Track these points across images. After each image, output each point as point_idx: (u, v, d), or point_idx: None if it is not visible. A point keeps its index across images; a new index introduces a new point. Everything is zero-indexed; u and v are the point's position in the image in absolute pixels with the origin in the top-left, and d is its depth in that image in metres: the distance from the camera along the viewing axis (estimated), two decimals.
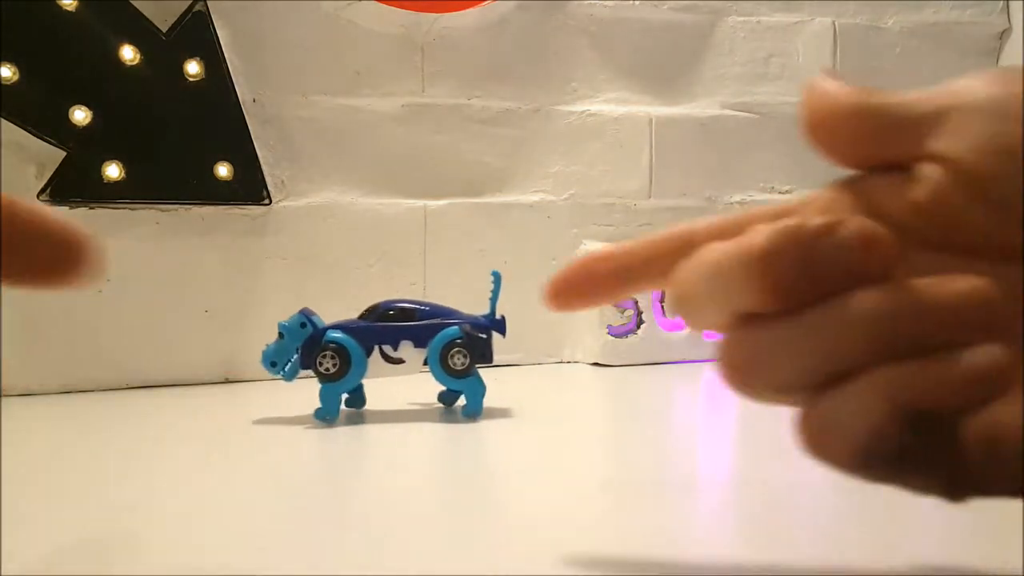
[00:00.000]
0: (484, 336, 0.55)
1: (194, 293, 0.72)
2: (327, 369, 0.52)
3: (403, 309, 0.55)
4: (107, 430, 0.57)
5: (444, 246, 0.78)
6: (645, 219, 0.84)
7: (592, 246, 0.80)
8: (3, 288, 0.21)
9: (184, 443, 0.52)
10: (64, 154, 0.67)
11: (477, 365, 0.55)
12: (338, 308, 0.75)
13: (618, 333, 0.78)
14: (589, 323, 0.79)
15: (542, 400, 0.67)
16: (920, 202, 0.20)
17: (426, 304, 0.56)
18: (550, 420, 0.59)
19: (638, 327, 0.79)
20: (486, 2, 0.78)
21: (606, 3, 0.82)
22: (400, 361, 0.54)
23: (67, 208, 0.68)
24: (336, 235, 0.75)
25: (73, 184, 0.68)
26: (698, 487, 0.42)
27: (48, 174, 0.67)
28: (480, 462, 0.47)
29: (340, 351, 0.52)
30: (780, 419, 0.23)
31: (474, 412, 0.55)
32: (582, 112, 0.82)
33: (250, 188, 0.72)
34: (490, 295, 0.57)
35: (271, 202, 0.73)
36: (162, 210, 0.71)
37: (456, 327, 0.54)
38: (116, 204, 0.69)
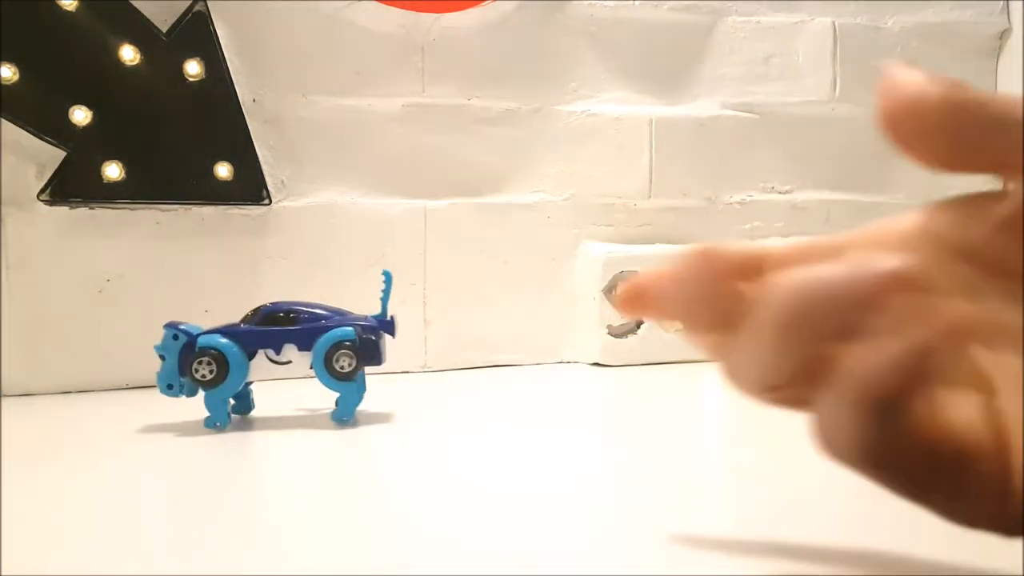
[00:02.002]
0: (373, 338, 0.54)
1: (194, 293, 0.72)
2: (203, 376, 0.51)
3: (288, 311, 0.54)
4: (107, 430, 0.57)
5: (444, 246, 0.78)
6: (645, 219, 0.84)
7: (592, 246, 0.80)
8: (3, 286, 0.21)
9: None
10: (64, 154, 0.67)
11: (367, 367, 0.53)
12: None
13: (618, 334, 0.78)
14: (589, 323, 0.79)
15: (541, 400, 0.67)
16: (1006, 220, 0.19)
17: (314, 306, 0.55)
18: (550, 420, 0.59)
19: (638, 328, 0.79)
20: (486, 2, 0.78)
21: (606, 3, 0.82)
22: (287, 363, 0.53)
23: (67, 208, 0.68)
24: (336, 235, 0.75)
25: (73, 184, 0.68)
26: (695, 488, 0.42)
27: (48, 174, 0.67)
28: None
29: (217, 356, 0.51)
30: (779, 420, 0.23)
31: (344, 418, 0.53)
32: (582, 112, 0.82)
33: (250, 188, 0.72)
34: (381, 295, 0.55)
35: (271, 202, 0.73)
36: (162, 210, 0.71)
37: (345, 328, 0.53)
38: (116, 204, 0.69)
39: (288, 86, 0.75)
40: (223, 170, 0.71)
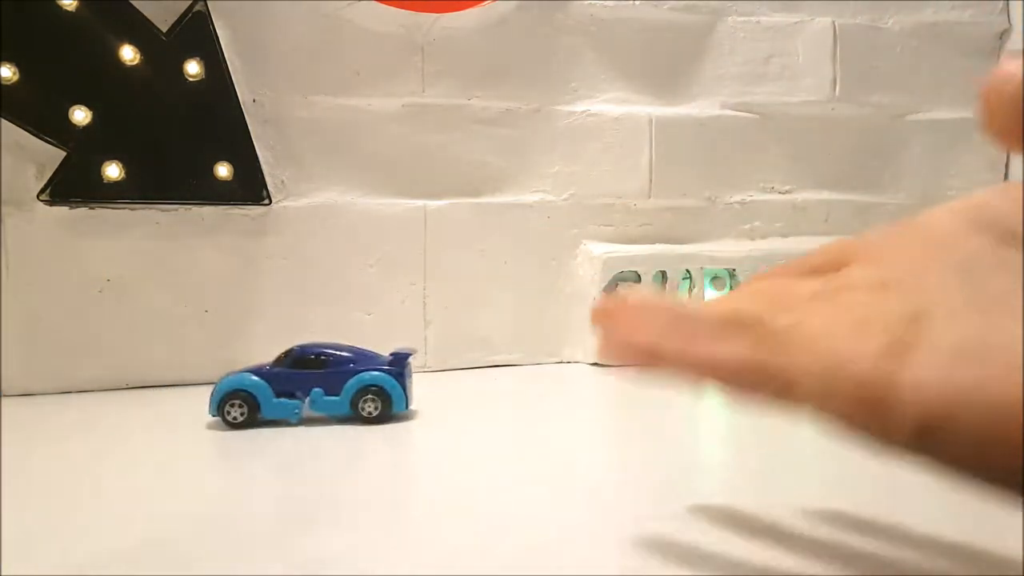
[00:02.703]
0: (399, 381, 0.55)
1: (194, 293, 0.72)
2: (235, 418, 0.53)
3: (319, 355, 0.55)
4: (107, 430, 0.57)
5: (444, 246, 0.78)
6: (645, 219, 0.84)
7: (592, 246, 0.80)
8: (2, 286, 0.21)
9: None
10: (64, 154, 0.67)
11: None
12: (338, 308, 0.76)
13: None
14: (589, 323, 0.79)
15: (541, 400, 0.67)
16: None
17: (344, 348, 0.56)
18: (549, 420, 0.59)
19: None
20: (486, 2, 0.78)
21: (606, 3, 0.82)
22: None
23: (67, 208, 0.68)
24: (336, 235, 0.75)
25: (73, 184, 0.68)
26: (696, 486, 0.42)
27: (48, 174, 0.67)
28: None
29: (247, 398, 0.53)
30: (778, 420, 0.23)
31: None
32: (582, 112, 0.82)
33: (250, 188, 0.72)
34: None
35: (271, 202, 0.73)
36: (162, 210, 0.71)
37: (372, 373, 0.54)
38: (116, 204, 0.69)
39: (288, 86, 0.75)
40: (223, 170, 0.71)
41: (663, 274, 0.79)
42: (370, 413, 0.54)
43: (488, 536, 0.33)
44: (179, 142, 0.70)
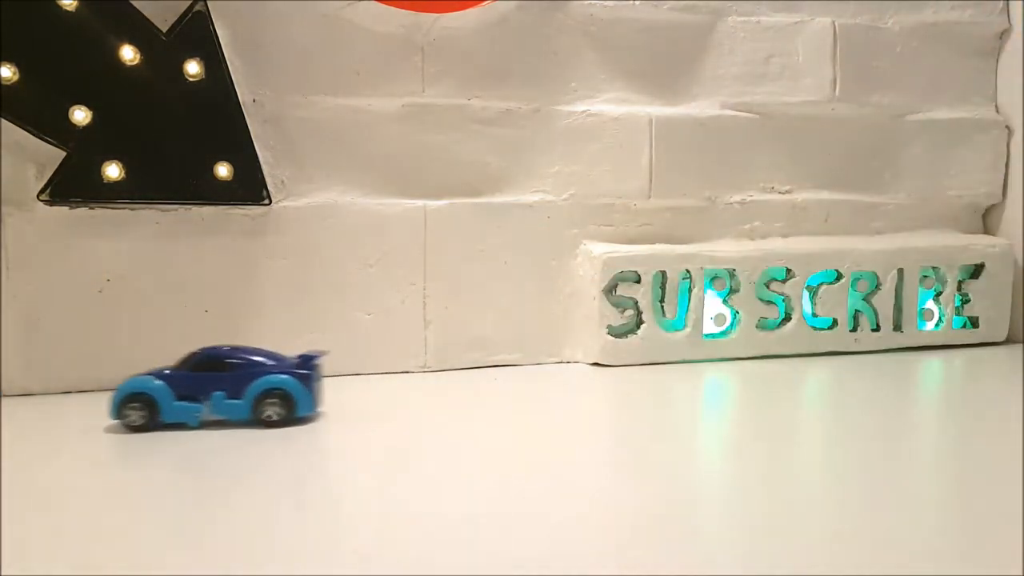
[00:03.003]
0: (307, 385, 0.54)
1: (194, 293, 0.72)
2: (133, 421, 0.53)
3: (224, 357, 0.55)
4: (106, 430, 0.57)
5: (444, 246, 0.78)
6: (645, 219, 0.84)
7: (592, 246, 0.80)
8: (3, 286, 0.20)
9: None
10: (64, 154, 0.67)
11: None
12: (338, 308, 0.76)
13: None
14: (589, 323, 0.79)
15: (541, 400, 0.67)
16: None
17: (252, 351, 0.56)
18: (549, 420, 0.59)
19: (638, 327, 0.79)
20: (486, 2, 0.78)
21: (606, 3, 0.82)
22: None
23: (67, 208, 0.68)
24: (336, 235, 0.75)
25: (73, 184, 0.68)
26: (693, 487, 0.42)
27: (48, 174, 0.67)
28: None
29: (147, 400, 0.53)
30: (781, 420, 0.23)
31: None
32: (582, 112, 0.82)
33: (250, 188, 0.72)
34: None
35: (271, 202, 0.73)
36: (162, 210, 0.71)
37: (277, 376, 0.53)
38: (116, 204, 0.69)
39: (288, 86, 0.74)
40: (223, 170, 0.71)
41: (663, 274, 0.79)
42: (271, 417, 0.52)
43: (486, 536, 0.33)
44: (179, 142, 0.70)
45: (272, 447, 0.50)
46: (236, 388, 0.53)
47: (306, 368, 0.54)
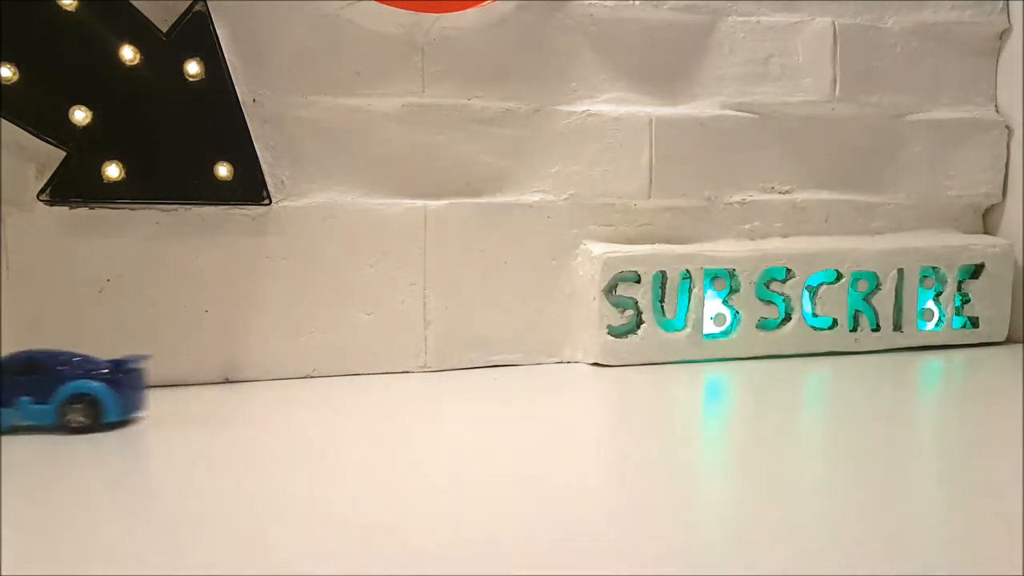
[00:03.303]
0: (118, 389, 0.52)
1: (194, 293, 0.72)
2: None
3: (31, 361, 0.53)
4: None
5: (444, 246, 0.78)
6: (645, 219, 0.84)
7: (592, 246, 0.80)
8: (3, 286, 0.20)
9: None
10: (64, 154, 0.67)
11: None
12: (338, 308, 0.76)
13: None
14: (589, 323, 0.79)
15: (541, 400, 0.67)
16: None
17: (64, 355, 0.54)
18: (549, 420, 0.59)
19: (638, 327, 0.79)
20: (486, 2, 0.78)
21: (606, 3, 0.82)
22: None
23: (67, 208, 0.68)
24: (336, 235, 0.75)
25: (73, 184, 0.68)
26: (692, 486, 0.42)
27: (48, 174, 0.67)
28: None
29: None
30: (781, 420, 0.23)
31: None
32: (582, 112, 0.82)
33: (250, 188, 0.72)
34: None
35: (271, 202, 0.73)
36: (162, 210, 0.71)
37: (85, 381, 0.52)
38: (116, 204, 0.69)
39: (288, 86, 0.74)
40: (223, 170, 0.71)
41: (663, 274, 0.79)
42: (76, 423, 0.51)
43: (485, 536, 0.33)
44: (179, 142, 0.70)
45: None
46: (44, 393, 0.51)
47: (119, 373, 0.53)
